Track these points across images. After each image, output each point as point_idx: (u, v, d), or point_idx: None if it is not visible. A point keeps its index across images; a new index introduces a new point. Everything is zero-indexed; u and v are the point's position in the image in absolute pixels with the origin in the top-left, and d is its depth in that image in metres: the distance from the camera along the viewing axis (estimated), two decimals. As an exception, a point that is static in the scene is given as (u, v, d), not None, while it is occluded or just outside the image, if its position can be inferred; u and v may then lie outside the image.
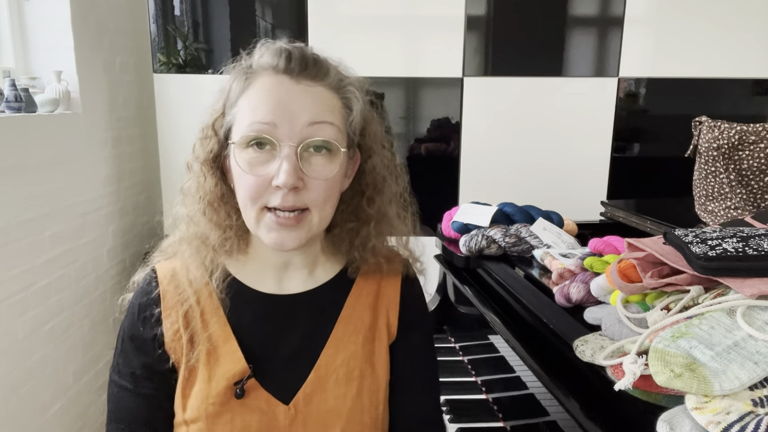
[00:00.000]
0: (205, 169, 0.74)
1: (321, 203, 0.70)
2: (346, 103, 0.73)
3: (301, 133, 0.67)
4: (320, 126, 0.69)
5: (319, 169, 0.69)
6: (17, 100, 1.68)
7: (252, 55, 0.74)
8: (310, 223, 0.71)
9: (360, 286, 0.81)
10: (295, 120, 0.67)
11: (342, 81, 0.73)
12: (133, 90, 2.37)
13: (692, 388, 0.54)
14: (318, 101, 0.70)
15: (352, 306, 0.79)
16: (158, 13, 2.15)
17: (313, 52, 0.73)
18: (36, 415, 1.72)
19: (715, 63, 2.17)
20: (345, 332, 0.77)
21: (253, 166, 0.68)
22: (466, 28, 2.15)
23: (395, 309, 0.81)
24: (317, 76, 0.71)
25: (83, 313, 1.98)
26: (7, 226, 1.57)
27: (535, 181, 2.25)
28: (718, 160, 1.20)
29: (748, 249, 0.66)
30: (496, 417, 1.14)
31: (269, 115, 0.67)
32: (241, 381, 0.72)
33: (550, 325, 0.86)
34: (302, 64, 0.70)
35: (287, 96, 0.68)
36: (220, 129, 0.73)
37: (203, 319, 0.74)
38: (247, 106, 0.70)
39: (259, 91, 0.69)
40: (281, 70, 0.69)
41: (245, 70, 0.72)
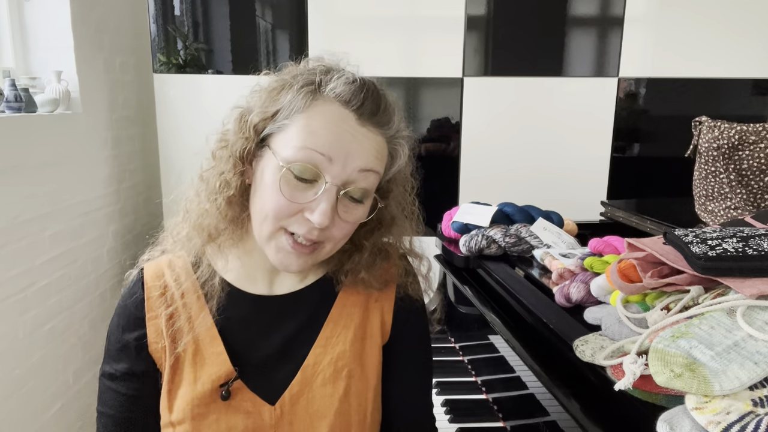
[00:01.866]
0: (237, 165, 0.71)
1: (339, 240, 0.71)
2: (392, 153, 0.73)
3: (349, 176, 0.67)
4: (367, 174, 0.68)
5: (349, 213, 0.69)
6: (17, 100, 1.68)
7: (326, 77, 0.70)
8: (321, 253, 0.71)
9: (350, 286, 0.80)
10: (349, 162, 0.66)
11: (398, 132, 0.73)
12: (133, 90, 2.37)
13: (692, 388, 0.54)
14: (374, 149, 0.69)
15: (341, 304, 0.78)
16: (158, 13, 2.15)
17: (386, 96, 0.72)
18: (36, 415, 1.72)
19: (715, 63, 2.17)
20: (334, 331, 0.77)
21: (292, 191, 0.66)
22: (466, 28, 2.15)
23: (389, 311, 0.80)
24: (381, 124, 0.70)
25: (83, 313, 1.98)
26: (7, 226, 1.57)
27: (535, 181, 2.25)
28: (718, 160, 1.20)
29: (748, 249, 0.66)
30: (496, 417, 1.14)
31: (327, 147, 0.65)
32: (226, 383, 0.72)
33: (550, 325, 0.86)
34: (373, 109, 0.69)
35: (350, 135, 0.67)
36: (262, 131, 0.70)
37: (189, 321, 0.74)
38: (304, 126, 0.66)
39: (322, 117, 0.67)
40: (352, 107, 0.68)
41: (312, 89, 0.68)
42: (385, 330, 0.80)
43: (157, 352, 0.73)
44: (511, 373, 1.08)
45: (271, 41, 2.20)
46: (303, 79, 0.69)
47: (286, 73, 0.73)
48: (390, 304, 0.80)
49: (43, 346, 1.74)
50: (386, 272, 0.81)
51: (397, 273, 0.82)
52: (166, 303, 0.74)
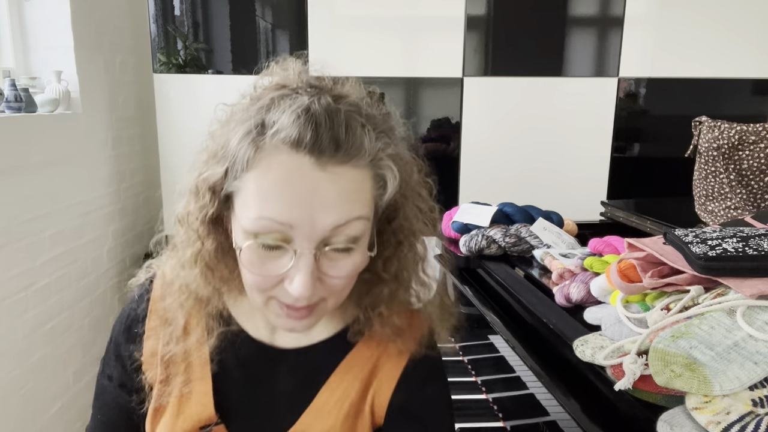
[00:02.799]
0: (203, 230, 0.61)
1: (339, 293, 0.60)
2: (380, 179, 0.58)
3: (322, 235, 0.55)
4: (346, 226, 0.55)
5: (339, 266, 0.57)
6: (17, 100, 1.68)
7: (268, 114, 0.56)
8: (324, 309, 0.61)
9: (357, 354, 0.69)
10: (318, 222, 0.54)
11: (378, 153, 0.57)
12: (133, 90, 2.37)
13: (692, 388, 0.54)
14: (348, 192, 0.55)
15: (343, 372, 0.69)
16: (158, 13, 2.15)
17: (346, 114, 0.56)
18: (36, 415, 1.72)
19: (715, 63, 2.17)
20: (328, 401, 0.68)
21: (262, 264, 0.56)
22: (466, 28, 2.15)
23: (387, 392, 0.69)
24: (350, 155, 0.54)
25: (83, 313, 1.98)
26: (7, 226, 1.57)
27: (535, 181, 2.25)
28: (718, 160, 1.20)
29: (748, 249, 0.66)
30: (496, 417, 1.14)
31: (284, 214, 0.53)
32: (206, 426, 0.67)
33: (550, 325, 0.86)
34: (332, 142, 0.54)
35: (309, 191, 0.53)
36: (220, 191, 0.58)
37: (185, 349, 0.68)
38: (255, 190, 0.55)
39: (272, 175, 0.54)
40: (304, 148, 0.53)
41: (256, 134, 0.55)
42: (376, 413, 0.70)
43: (147, 371, 0.69)
44: (511, 373, 1.08)
45: (271, 41, 2.20)
46: (245, 121, 0.56)
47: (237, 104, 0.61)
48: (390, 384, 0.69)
49: (43, 346, 1.74)
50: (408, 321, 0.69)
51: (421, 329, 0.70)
52: (168, 321, 0.68)
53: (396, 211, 0.63)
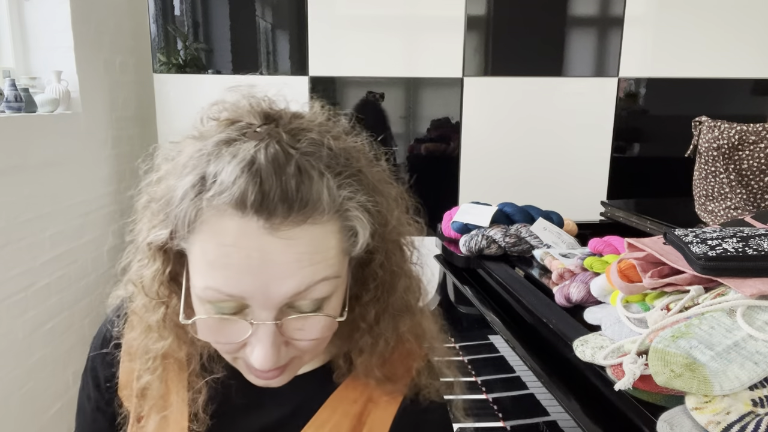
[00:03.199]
0: (163, 291, 0.55)
1: (312, 350, 0.54)
2: (349, 228, 0.50)
3: (280, 304, 0.48)
4: (309, 291, 0.48)
5: (307, 330, 0.51)
6: (17, 100, 1.68)
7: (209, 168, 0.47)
8: (299, 364, 0.56)
9: (347, 388, 0.63)
10: (273, 292, 0.47)
11: (345, 201, 0.49)
12: (133, 90, 2.37)
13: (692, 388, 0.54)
14: (306, 257, 0.47)
15: (331, 407, 0.62)
16: (158, 13, 2.15)
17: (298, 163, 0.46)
18: (36, 415, 1.72)
19: (715, 63, 2.16)
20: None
21: (219, 331, 0.50)
22: (466, 28, 2.15)
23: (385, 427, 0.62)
24: (305, 213, 0.46)
25: (83, 313, 1.98)
26: (7, 226, 1.57)
27: (535, 181, 2.25)
28: (718, 160, 1.20)
29: (748, 249, 0.66)
30: (496, 417, 1.14)
31: (232, 286, 0.47)
32: None
33: (550, 325, 0.86)
34: (283, 200, 0.45)
35: (259, 258, 0.46)
36: (171, 249, 0.52)
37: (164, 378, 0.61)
38: (201, 257, 0.48)
39: (217, 242, 0.47)
40: (251, 209, 0.45)
41: (197, 191, 0.47)
42: None
43: (123, 396, 0.64)
44: (511, 373, 1.08)
45: (271, 41, 2.20)
46: (187, 173, 0.48)
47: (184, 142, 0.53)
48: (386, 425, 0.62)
49: (43, 346, 1.74)
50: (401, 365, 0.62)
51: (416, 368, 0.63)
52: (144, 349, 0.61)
53: (371, 255, 0.55)
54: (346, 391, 0.63)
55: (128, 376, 0.63)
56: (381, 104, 2.22)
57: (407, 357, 0.63)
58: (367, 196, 0.51)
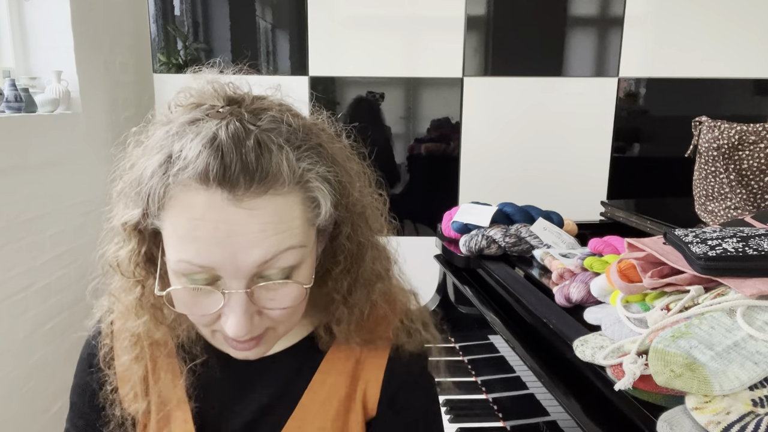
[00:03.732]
0: (139, 272, 0.58)
1: (286, 321, 0.56)
2: (311, 198, 0.53)
3: (250, 272, 0.50)
4: (276, 259, 0.51)
5: (278, 298, 0.53)
6: (17, 100, 1.68)
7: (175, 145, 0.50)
8: (275, 336, 0.58)
9: (336, 350, 0.66)
10: (241, 261, 0.49)
11: (304, 173, 0.52)
12: (133, 90, 2.37)
13: (692, 388, 0.54)
14: (271, 226, 0.50)
15: (325, 371, 0.65)
16: (158, 13, 2.15)
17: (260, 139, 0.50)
18: (36, 415, 1.72)
19: (715, 63, 2.16)
20: (313, 403, 0.65)
21: (194, 303, 0.53)
22: (466, 28, 2.15)
23: (377, 384, 0.66)
24: (266, 183, 0.49)
25: (83, 313, 1.98)
26: (7, 226, 1.57)
27: (535, 181, 2.25)
28: (718, 160, 1.20)
29: (748, 249, 0.66)
30: (496, 417, 1.14)
31: (202, 257, 0.49)
32: None
33: (550, 325, 0.86)
34: (244, 171, 0.48)
35: (226, 229, 0.48)
36: (145, 228, 0.55)
37: (156, 378, 0.65)
38: (171, 232, 0.51)
39: (186, 216, 0.49)
40: (214, 183, 0.48)
41: (165, 168, 0.50)
42: (368, 406, 0.66)
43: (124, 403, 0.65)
44: (511, 373, 1.08)
45: (271, 41, 2.20)
46: (155, 153, 0.52)
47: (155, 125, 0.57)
48: (379, 374, 0.66)
49: (43, 346, 1.74)
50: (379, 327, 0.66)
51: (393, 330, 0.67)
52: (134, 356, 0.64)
53: (338, 228, 0.58)
54: (334, 355, 0.66)
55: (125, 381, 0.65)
56: (381, 104, 2.22)
57: (383, 321, 0.66)
58: (327, 167, 0.54)
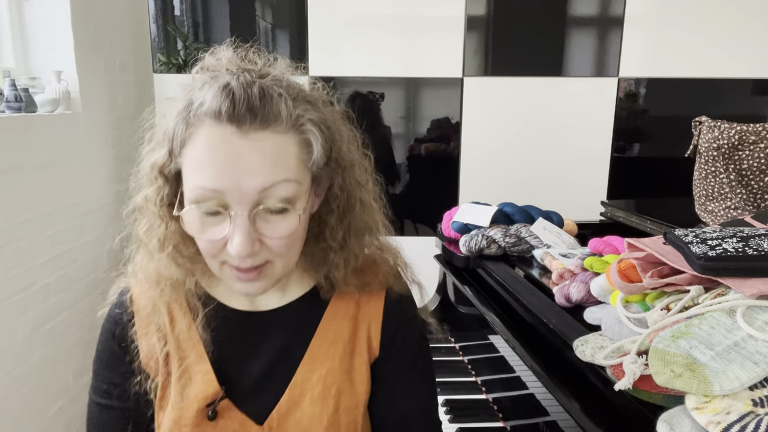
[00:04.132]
0: (163, 212, 0.67)
1: (284, 254, 0.65)
2: (305, 142, 0.63)
3: (252, 198, 0.60)
4: (274, 188, 0.60)
5: (276, 228, 0.62)
6: (17, 100, 1.68)
7: (193, 88, 0.63)
8: (273, 272, 0.66)
9: (338, 299, 0.75)
10: (245, 186, 0.59)
11: (299, 118, 0.62)
12: (133, 90, 2.37)
13: (692, 388, 0.54)
14: (269, 156, 0.60)
15: (329, 318, 0.74)
16: (158, 13, 2.15)
17: (261, 85, 0.61)
18: (36, 415, 1.72)
19: (715, 63, 2.16)
20: (322, 347, 0.73)
21: (205, 227, 0.62)
22: (466, 28, 2.15)
23: (377, 324, 0.75)
24: (268, 121, 0.60)
25: (83, 313, 1.98)
26: (7, 226, 1.57)
27: (535, 181, 2.25)
28: (718, 160, 1.20)
29: (748, 249, 0.66)
30: (496, 417, 1.14)
31: (214, 181, 0.59)
32: (213, 402, 0.70)
33: (550, 325, 0.86)
34: (249, 110, 0.59)
35: (234, 155, 0.59)
36: (169, 173, 0.65)
37: (176, 338, 0.72)
38: (191, 162, 0.61)
39: (202, 147, 0.60)
40: (225, 119, 0.59)
41: (185, 113, 0.62)
42: (372, 346, 0.75)
43: (147, 367, 0.73)
44: (511, 373, 1.08)
45: (271, 41, 2.20)
46: (177, 103, 0.63)
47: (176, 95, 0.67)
48: (378, 316, 0.75)
49: (43, 346, 1.74)
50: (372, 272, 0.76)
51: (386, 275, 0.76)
52: (154, 319, 0.72)
53: (332, 177, 0.69)
54: (337, 302, 0.75)
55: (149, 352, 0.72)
56: (381, 104, 2.22)
57: (375, 266, 0.76)
58: (318, 118, 0.64)
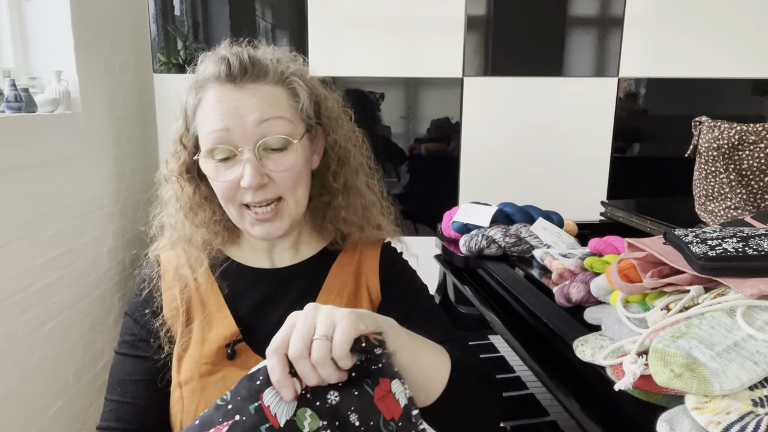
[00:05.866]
0: (181, 179, 0.82)
1: (292, 189, 0.77)
2: (293, 92, 0.78)
3: (254, 134, 0.73)
4: (270, 123, 0.74)
5: (279, 163, 0.75)
6: (17, 100, 1.68)
7: (198, 69, 0.79)
8: (288, 210, 0.78)
9: (342, 258, 0.88)
10: (245, 121, 0.73)
11: (284, 74, 0.78)
12: (133, 90, 2.37)
13: (692, 388, 0.54)
14: (263, 99, 0.74)
15: (334, 274, 0.86)
16: (158, 13, 2.15)
17: (251, 53, 0.77)
18: (36, 415, 1.72)
19: (715, 63, 2.16)
20: (329, 298, 0.83)
21: (220, 172, 0.75)
22: (466, 28, 2.15)
23: (375, 274, 0.87)
24: (258, 77, 0.75)
25: (83, 313, 1.98)
26: (7, 226, 1.57)
27: (535, 181, 2.25)
28: (718, 160, 1.20)
29: (748, 249, 0.66)
30: (496, 417, 1.14)
31: (221, 122, 0.73)
32: (231, 342, 0.78)
33: (550, 325, 0.86)
34: (241, 69, 0.74)
35: (234, 102, 0.74)
36: (188, 142, 0.80)
37: (199, 292, 0.82)
38: (202, 118, 0.76)
39: (209, 103, 0.75)
40: (224, 79, 0.75)
41: (194, 84, 0.78)
42: (372, 296, 0.86)
43: (170, 320, 0.81)
44: (511, 373, 1.08)
45: (271, 41, 2.20)
46: (190, 78, 0.79)
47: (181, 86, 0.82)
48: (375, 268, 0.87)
49: (43, 346, 1.74)
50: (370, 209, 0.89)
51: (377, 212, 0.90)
52: (178, 278, 0.82)
53: (327, 129, 0.83)
54: (344, 256, 0.88)
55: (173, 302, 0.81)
56: (381, 104, 2.22)
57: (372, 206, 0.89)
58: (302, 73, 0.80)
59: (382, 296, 0.86)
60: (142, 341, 0.81)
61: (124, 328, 0.83)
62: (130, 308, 0.84)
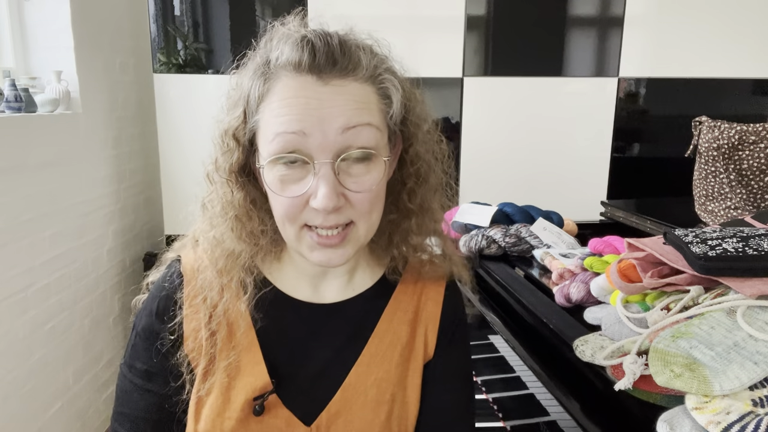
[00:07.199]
0: (232, 181, 0.64)
1: (367, 214, 0.62)
2: (384, 93, 0.63)
3: (335, 143, 0.58)
4: (357, 130, 0.58)
5: (361, 181, 0.60)
6: (17, 100, 1.68)
7: (268, 48, 0.63)
8: (357, 237, 0.63)
9: (399, 298, 0.72)
10: (327, 127, 0.57)
11: (377, 68, 0.62)
12: (133, 90, 2.37)
13: (692, 388, 0.54)
14: (351, 101, 0.59)
15: (389, 319, 0.71)
16: (158, 13, 2.15)
17: (340, 37, 0.62)
18: (36, 415, 1.72)
19: (715, 63, 2.16)
20: (379, 348, 0.69)
21: (285, 185, 0.59)
22: (466, 28, 2.15)
23: (435, 325, 0.72)
24: (347, 70, 0.60)
25: (83, 313, 1.98)
26: (7, 226, 1.57)
27: (535, 181, 2.25)
28: (718, 160, 1.20)
29: (748, 249, 0.66)
30: (496, 417, 1.14)
31: (296, 124, 0.57)
32: (261, 396, 0.65)
33: (550, 325, 0.86)
34: (329, 59, 0.59)
35: (315, 101, 0.58)
36: (243, 137, 0.63)
37: (228, 323, 0.67)
38: (270, 114, 0.59)
39: (282, 97, 0.59)
40: (305, 69, 0.59)
41: (263, 69, 0.61)
42: (428, 350, 0.72)
43: (191, 351, 0.67)
44: (511, 373, 1.08)
45: (271, 41, 2.20)
46: (252, 63, 0.63)
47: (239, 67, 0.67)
48: (435, 319, 0.73)
49: (43, 346, 1.74)
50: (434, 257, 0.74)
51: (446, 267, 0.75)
52: (205, 299, 0.67)
53: (410, 138, 0.67)
54: (400, 294, 0.72)
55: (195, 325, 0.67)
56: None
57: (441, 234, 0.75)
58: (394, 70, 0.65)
59: (434, 356, 0.72)
60: (158, 375, 0.68)
61: (136, 352, 0.69)
62: (145, 330, 0.69)
